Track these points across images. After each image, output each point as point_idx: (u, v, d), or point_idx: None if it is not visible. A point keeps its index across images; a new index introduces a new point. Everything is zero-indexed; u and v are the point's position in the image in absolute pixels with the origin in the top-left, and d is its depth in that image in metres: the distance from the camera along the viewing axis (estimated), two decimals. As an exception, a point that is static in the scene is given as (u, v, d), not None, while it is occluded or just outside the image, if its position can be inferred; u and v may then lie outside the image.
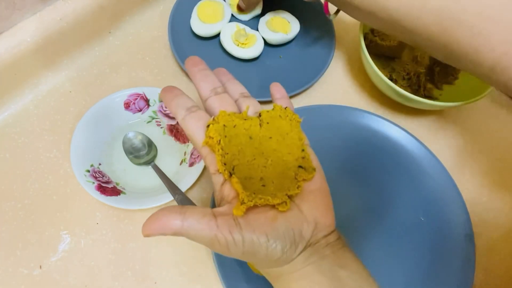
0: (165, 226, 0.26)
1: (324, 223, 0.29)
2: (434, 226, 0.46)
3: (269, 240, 0.26)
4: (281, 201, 0.28)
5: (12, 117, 0.49)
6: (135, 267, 0.42)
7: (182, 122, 0.30)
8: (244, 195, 0.27)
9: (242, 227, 0.26)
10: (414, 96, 0.47)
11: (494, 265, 0.46)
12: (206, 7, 0.55)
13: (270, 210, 0.28)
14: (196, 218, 0.26)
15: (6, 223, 0.43)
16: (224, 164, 0.29)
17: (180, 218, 0.26)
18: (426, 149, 0.49)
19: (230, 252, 0.26)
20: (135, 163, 0.47)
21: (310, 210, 0.29)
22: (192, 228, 0.26)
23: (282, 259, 0.27)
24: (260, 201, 0.27)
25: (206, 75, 0.33)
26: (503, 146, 0.53)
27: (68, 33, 0.50)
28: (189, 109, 0.31)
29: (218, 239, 0.26)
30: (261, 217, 0.27)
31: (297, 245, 0.27)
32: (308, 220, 0.28)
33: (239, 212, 0.27)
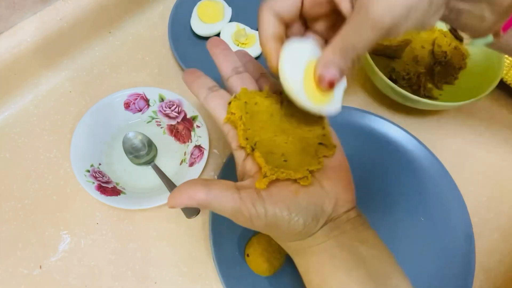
0: (190, 197, 0.26)
1: (345, 198, 0.29)
2: (434, 226, 0.46)
3: (291, 213, 0.26)
4: (303, 176, 0.28)
5: (12, 117, 0.49)
6: (135, 267, 0.42)
7: (204, 101, 0.31)
8: (267, 168, 0.27)
9: (265, 200, 0.26)
10: (414, 96, 0.47)
11: (494, 265, 0.46)
12: (206, 7, 0.55)
13: (292, 185, 0.28)
14: (220, 190, 0.27)
15: (6, 223, 0.43)
16: (246, 139, 0.29)
17: (204, 190, 0.26)
18: (426, 149, 0.49)
19: (253, 224, 0.27)
20: (135, 163, 0.47)
21: (331, 185, 0.29)
22: (216, 200, 0.26)
23: (303, 232, 0.27)
24: (282, 175, 0.27)
25: (227, 55, 0.33)
26: (503, 146, 0.53)
27: (68, 33, 0.50)
28: (210, 88, 0.31)
29: (242, 211, 0.26)
30: (283, 190, 0.27)
31: (318, 219, 0.28)
32: (329, 196, 0.28)
33: (262, 185, 0.27)
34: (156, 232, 0.44)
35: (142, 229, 0.44)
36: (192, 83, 0.32)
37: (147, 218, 0.45)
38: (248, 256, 0.41)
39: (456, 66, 0.54)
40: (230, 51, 0.33)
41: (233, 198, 0.26)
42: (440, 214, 0.46)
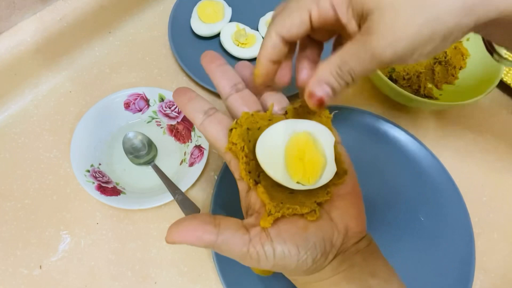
0: (199, 238, 0.24)
1: (355, 229, 0.27)
2: (434, 226, 0.46)
3: (300, 252, 0.25)
4: (310, 210, 0.26)
5: (12, 117, 0.49)
6: (135, 267, 0.42)
7: (200, 127, 0.29)
8: (271, 206, 0.26)
9: (273, 239, 0.25)
10: (414, 96, 0.47)
11: (494, 265, 0.46)
12: (206, 7, 0.55)
13: (300, 219, 0.26)
14: (231, 232, 0.25)
15: (6, 223, 0.43)
16: (248, 173, 0.27)
17: (215, 232, 0.24)
18: (426, 149, 0.49)
19: (260, 265, 0.25)
20: (135, 163, 0.47)
21: (340, 216, 0.27)
22: (226, 243, 0.24)
23: (311, 269, 0.26)
24: (288, 211, 0.26)
25: (225, 71, 0.30)
26: (503, 146, 0.53)
27: (68, 33, 0.50)
28: (206, 112, 0.28)
29: (250, 253, 0.25)
30: (292, 227, 0.26)
31: (328, 254, 0.26)
32: (338, 228, 0.27)
33: (267, 224, 0.25)
34: (156, 232, 0.44)
35: (142, 229, 0.44)
36: (185, 106, 0.29)
37: (147, 218, 0.45)
38: (248, 256, 0.41)
39: (456, 66, 0.54)
40: (227, 66, 0.31)
41: (243, 240, 0.25)
42: (440, 214, 0.46)
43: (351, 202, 0.28)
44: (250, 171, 0.27)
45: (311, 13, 0.24)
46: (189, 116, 0.29)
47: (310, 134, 0.28)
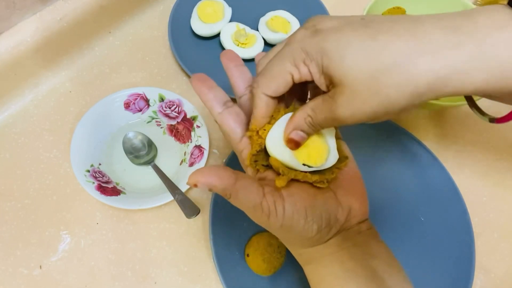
0: (220, 178, 0.25)
1: (357, 209, 0.30)
2: (434, 226, 0.46)
3: (307, 217, 0.27)
4: (320, 180, 0.28)
5: (12, 117, 0.49)
6: (135, 267, 0.42)
7: (218, 117, 0.30)
8: (284, 168, 0.28)
9: (285, 199, 0.27)
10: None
11: (494, 265, 0.46)
12: (206, 7, 0.55)
13: (311, 188, 0.28)
14: (249, 181, 0.26)
15: (6, 223, 0.43)
16: (255, 162, 0.29)
17: (234, 177, 0.26)
18: (426, 149, 0.49)
19: (269, 223, 0.26)
20: (135, 163, 0.47)
21: (344, 196, 0.29)
22: (242, 189, 0.26)
23: (315, 238, 0.28)
24: (299, 175, 0.28)
25: (242, 72, 0.32)
26: (503, 146, 0.53)
27: (68, 33, 0.50)
28: (225, 103, 0.31)
29: (262, 206, 0.26)
30: (302, 192, 0.28)
31: (331, 227, 0.28)
32: (342, 206, 0.29)
33: (282, 183, 0.27)
34: (156, 232, 0.44)
35: (142, 229, 0.44)
36: (206, 95, 0.30)
37: (147, 218, 0.45)
38: (248, 256, 0.41)
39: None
40: (244, 67, 0.33)
41: (258, 191, 0.26)
42: (440, 214, 0.46)
43: (355, 185, 0.31)
44: (257, 160, 0.29)
45: (293, 75, 0.27)
46: (208, 104, 0.30)
47: None
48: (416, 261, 0.44)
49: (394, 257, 0.30)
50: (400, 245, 0.45)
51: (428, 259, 0.44)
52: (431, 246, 0.45)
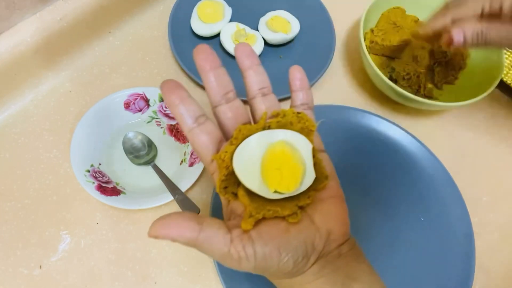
0: (180, 233, 0.24)
1: (337, 232, 0.27)
2: (434, 226, 0.46)
3: (281, 254, 0.25)
4: (292, 212, 0.26)
5: (12, 117, 0.49)
6: (135, 267, 0.42)
7: (189, 134, 0.28)
8: (252, 208, 0.25)
9: (255, 240, 0.25)
10: (414, 96, 0.47)
11: (494, 265, 0.46)
12: (206, 7, 0.55)
13: (282, 222, 0.26)
14: (213, 230, 0.25)
15: (6, 223, 0.43)
16: (224, 188, 0.27)
17: (197, 229, 0.24)
18: (426, 149, 0.49)
19: (241, 267, 0.25)
20: (135, 163, 0.47)
21: (322, 220, 0.27)
22: (207, 241, 0.24)
23: (293, 272, 0.26)
24: (268, 213, 0.26)
25: (218, 76, 0.29)
26: (503, 146, 0.53)
27: (68, 33, 0.50)
28: (197, 119, 0.27)
29: (231, 254, 0.24)
30: (273, 229, 0.26)
31: (309, 257, 0.26)
32: (320, 231, 0.27)
33: (248, 226, 0.25)
34: (156, 232, 0.44)
35: (142, 229, 0.44)
36: (176, 107, 0.27)
37: (147, 218, 0.45)
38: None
39: (456, 66, 0.54)
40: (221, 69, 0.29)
41: (225, 240, 0.25)
42: (440, 214, 0.46)
43: (334, 206, 0.28)
44: (227, 186, 0.27)
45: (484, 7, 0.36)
46: (178, 118, 0.28)
47: (285, 143, 0.28)
48: (416, 261, 0.44)
49: (377, 276, 0.28)
50: (400, 245, 0.45)
51: (428, 259, 0.44)
52: (431, 246, 0.45)
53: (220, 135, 0.28)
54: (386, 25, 0.55)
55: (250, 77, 0.30)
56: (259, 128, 0.28)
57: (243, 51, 0.30)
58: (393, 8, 0.55)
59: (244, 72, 0.30)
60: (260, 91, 0.30)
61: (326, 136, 0.50)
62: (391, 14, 0.55)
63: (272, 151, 0.27)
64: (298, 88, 0.31)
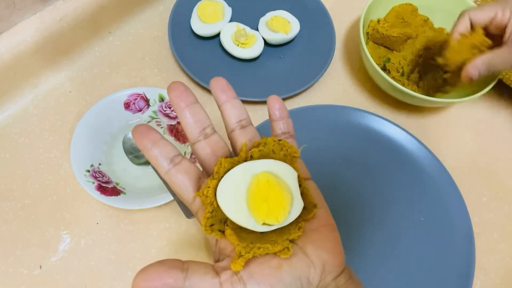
0: (165, 284, 0.23)
1: (332, 263, 0.26)
2: (434, 226, 0.46)
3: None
4: (283, 248, 0.25)
5: (12, 117, 0.49)
6: (135, 267, 0.42)
7: (166, 176, 0.27)
8: (241, 247, 0.24)
9: (245, 281, 0.24)
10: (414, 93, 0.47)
11: (494, 265, 0.46)
12: (206, 7, 0.55)
13: (273, 258, 0.25)
14: (199, 276, 0.24)
15: (6, 223, 0.43)
16: (210, 226, 0.26)
17: (181, 277, 0.23)
18: (426, 149, 0.49)
19: None
20: (135, 163, 0.47)
21: (315, 251, 0.26)
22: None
23: None
24: (259, 251, 0.25)
25: (194, 113, 0.28)
26: (503, 146, 0.53)
27: (68, 33, 0.50)
28: (172, 160, 0.27)
29: None
30: (264, 267, 0.25)
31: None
32: (314, 264, 0.26)
33: (238, 267, 0.24)
34: (156, 232, 0.44)
35: (142, 229, 0.44)
36: (149, 151, 0.27)
37: (147, 218, 0.45)
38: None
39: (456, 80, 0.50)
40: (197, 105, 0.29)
41: (213, 285, 0.24)
42: (440, 214, 0.46)
43: (326, 236, 0.27)
44: (213, 223, 0.26)
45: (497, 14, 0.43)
46: (153, 162, 0.27)
47: (270, 173, 0.27)
48: (416, 261, 0.44)
49: None
50: (400, 245, 0.45)
51: (428, 259, 0.44)
52: (431, 246, 0.45)
53: (198, 172, 0.28)
54: (394, 19, 0.55)
55: (227, 110, 0.29)
56: (240, 160, 0.27)
57: (217, 85, 0.29)
58: (405, 4, 0.56)
59: (221, 106, 0.29)
60: (238, 124, 0.29)
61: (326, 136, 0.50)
62: (401, 9, 0.55)
63: (256, 182, 0.26)
64: (278, 118, 0.31)
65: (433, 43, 0.53)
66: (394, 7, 0.56)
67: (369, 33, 0.56)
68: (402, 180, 0.48)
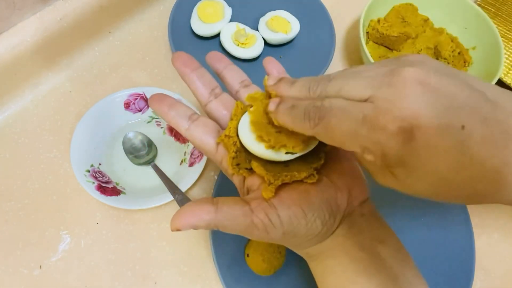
0: (199, 218, 0.24)
1: (357, 189, 0.28)
2: (434, 227, 0.46)
3: (307, 215, 0.25)
4: (308, 174, 0.26)
5: (12, 117, 0.49)
6: (135, 267, 0.42)
7: (187, 133, 0.28)
8: (269, 176, 0.26)
9: (277, 207, 0.25)
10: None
11: (494, 265, 0.46)
12: (206, 7, 0.55)
13: (301, 185, 0.26)
14: (230, 206, 0.25)
15: (6, 223, 0.43)
16: (237, 165, 0.27)
17: (213, 209, 0.24)
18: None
19: (270, 236, 0.25)
20: (135, 163, 0.47)
21: (340, 178, 0.28)
22: (227, 217, 0.24)
23: (322, 233, 0.26)
24: (286, 178, 0.26)
25: (201, 76, 0.30)
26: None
27: (68, 33, 0.50)
28: (190, 117, 0.29)
29: (255, 224, 0.24)
30: (293, 193, 0.26)
31: (335, 215, 0.26)
32: (340, 189, 0.27)
33: (269, 194, 0.25)
34: (156, 232, 0.44)
35: (142, 229, 0.44)
36: (168, 114, 0.28)
37: (147, 218, 0.45)
38: (248, 256, 0.41)
39: None
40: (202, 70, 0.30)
41: (244, 212, 0.25)
42: (440, 214, 0.46)
43: (348, 164, 0.29)
44: (239, 163, 0.27)
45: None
46: (173, 123, 0.29)
47: None
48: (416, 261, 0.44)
49: (399, 240, 0.29)
50: (400, 245, 0.45)
51: (428, 259, 0.44)
52: (431, 246, 0.45)
53: (217, 126, 0.29)
54: (394, 18, 0.55)
55: (227, 74, 0.31)
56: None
57: (213, 57, 0.31)
58: (405, 4, 0.56)
59: (221, 73, 0.31)
60: (241, 84, 0.31)
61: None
62: (402, 9, 0.55)
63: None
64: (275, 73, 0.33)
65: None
66: (395, 7, 0.56)
67: (369, 33, 0.56)
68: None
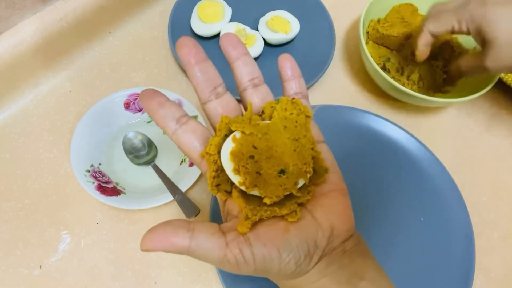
0: (171, 244, 0.23)
1: (341, 228, 0.26)
2: (434, 226, 0.46)
3: (281, 255, 0.24)
4: (290, 211, 0.25)
5: (12, 117, 0.49)
6: (135, 267, 0.42)
7: (173, 137, 0.27)
8: (247, 210, 0.24)
9: (252, 242, 0.24)
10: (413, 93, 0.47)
11: (494, 265, 0.46)
12: (206, 7, 0.55)
13: (280, 221, 0.25)
14: (205, 235, 0.24)
15: (6, 223, 0.43)
16: (217, 186, 0.25)
17: (188, 236, 0.23)
18: (426, 149, 0.49)
19: (240, 271, 0.24)
20: (135, 163, 0.47)
21: (324, 215, 0.26)
22: (200, 247, 0.23)
23: (296, 273, 0.25)
24: (266, 213, 0.24)
25: (204, 71, 0.27)
26: (503, 146, 0.53)
27: (68, 33, 0.50)
28: (178, 120, 0.26)
29: (228, 258, 0.23)
30: (271, 229, 0.25)
31: (312, 256, 0.25)
32: (322, 227, 0.25)
33: (244, 229, 0.24)
34: (156, 232, 0.44)
35: (142, 229, 0.44)
36: (156, 113, 0.26)
37: (147, 218, 0.45)
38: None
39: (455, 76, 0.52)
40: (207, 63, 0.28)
41: (219, 244, 0.23)
42: (440, 214, 0.46)
43: (336, 200, 0.27)
44: (220, 183, 0.26)
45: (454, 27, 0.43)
46: (160, 124, 0.27)
47: None
48: (416, 261, 0.44)
49: (384, 272, 0.27)
50: (400, 245, 0.45)
51: (428, 259, 0.44)
52: (431, 246, 0.45)
53: (206, 132, 0.27)
54: (394, 18, 0.55)
55: (238, 68, 0.28)
56: (245, 119, 0.26)
57: (228, 40, 0.28)
58: (405, 4, 0.56)
59: (232, 63, 0.28)
60: (251, 82, 0.28)
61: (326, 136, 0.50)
62: (401, 9, 0.55)
63: None
64: (290, 77, 0.29)
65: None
66: (394, 7, 0.56)
67: (369, 33, 0.56)
68: (402, 180, 0.48)
